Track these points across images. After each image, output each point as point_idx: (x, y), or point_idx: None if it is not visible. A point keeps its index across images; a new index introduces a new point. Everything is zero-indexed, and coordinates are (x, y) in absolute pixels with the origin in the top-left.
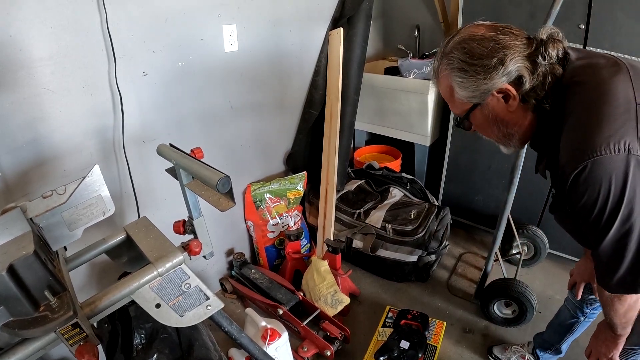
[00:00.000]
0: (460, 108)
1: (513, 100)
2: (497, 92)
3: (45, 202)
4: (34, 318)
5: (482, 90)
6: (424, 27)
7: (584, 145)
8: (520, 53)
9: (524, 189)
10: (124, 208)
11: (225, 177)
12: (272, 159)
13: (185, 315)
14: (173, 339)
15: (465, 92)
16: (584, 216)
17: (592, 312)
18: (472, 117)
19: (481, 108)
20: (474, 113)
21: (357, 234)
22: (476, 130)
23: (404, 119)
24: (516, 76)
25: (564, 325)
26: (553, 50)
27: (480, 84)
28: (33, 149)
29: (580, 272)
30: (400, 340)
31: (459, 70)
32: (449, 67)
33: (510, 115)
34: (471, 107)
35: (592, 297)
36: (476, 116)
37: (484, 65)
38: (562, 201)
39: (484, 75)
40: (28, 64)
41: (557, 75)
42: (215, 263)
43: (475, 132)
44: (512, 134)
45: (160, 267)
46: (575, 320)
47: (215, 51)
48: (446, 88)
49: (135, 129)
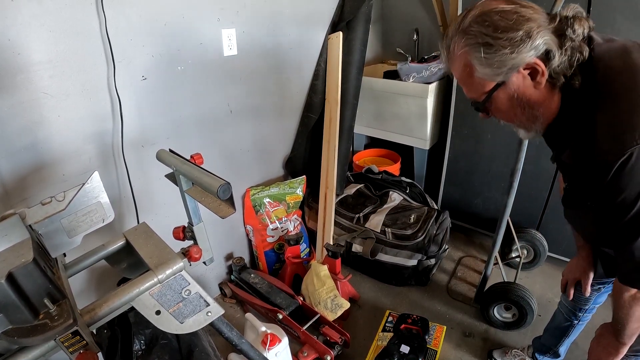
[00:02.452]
0: (480, 89)
1: (541, 76)
2: (524, 69)
3: (45, 209)
4: (33, 326)
5: (509, 66)
6: (423, 30)
7: (630, 130)
8: (544, 27)
9: (524, 193)
10: (123, 213)
11: (226, 184)
12: (271, 163)
13: (185, 321)
14: (173, 345)
15: (488, 69)
16: (623, 209)
17: (586, 315)
18: (494, 99)
19: (505, 87)
20: (496, 94)
21: (357, 238)
22: (493, 116)
23: (403, 123)
24: (544, 50)
25: (559, 328)
26: (579, 28)
27: (507, 59)
28: (31, 154)
29: (571, 270)
30: (401, 345)
31: (481, 46)
32: (469, 43)
33: (536, 95)
34: (494, 86)
35: (583, 298)
36: (499, 97)
37: (510, 39)
38: (586, 194)
39: (511, 50)
40: (26, 68)
41: (584, 54)
42: (215, 267)
43: (490, 118)
44: (537, 116)
45: (160, 274)
46: (569, 324)
47: (214, 55)
48: (463, 68)
49: (134, 134)
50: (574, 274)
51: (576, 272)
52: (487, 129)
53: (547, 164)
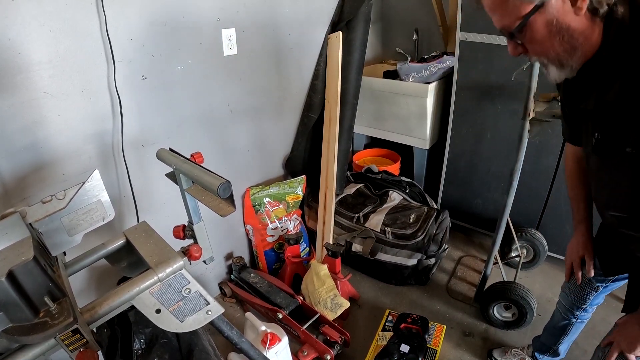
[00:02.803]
0: (515, 14)
1: (582, 1)
2: None
3: (45, 208)
4: (33, 324)
5: None
6: (423, 30)
7: None
8: None
9: (523, 192)
10: (124, 212)
11: (226, 183)
12: (271, 162)
13: (185, 320)
14: (173, 344)
15: None
16: None
17: (584, 314)
18: (530, 25)
19: (543, 11)
20: (533, 18)
21: (357, 237)
22: (524, 52)
23: (403, 123)
24: None
25: (557, 327)
26: None
27: None
28: (32, 153)
29: (573, 250)
30: (400, 344)
31: None
32: None
33: (576, 22)
34: (531, 9)
35: (581, 296)
36: (536, 23)
37: None
38: (627, 138)
39: None
40: (27, 68)
41: None
42: (215, 267)
43: (519, 55)
44: (576, 46)
45: (160, 273)
46: (567, 322)
47: (214, 55)
48: None
49: (134, 133)
50: (577, 252)
51: (579, 250)
52: (486, 129)
53: (546, 164)
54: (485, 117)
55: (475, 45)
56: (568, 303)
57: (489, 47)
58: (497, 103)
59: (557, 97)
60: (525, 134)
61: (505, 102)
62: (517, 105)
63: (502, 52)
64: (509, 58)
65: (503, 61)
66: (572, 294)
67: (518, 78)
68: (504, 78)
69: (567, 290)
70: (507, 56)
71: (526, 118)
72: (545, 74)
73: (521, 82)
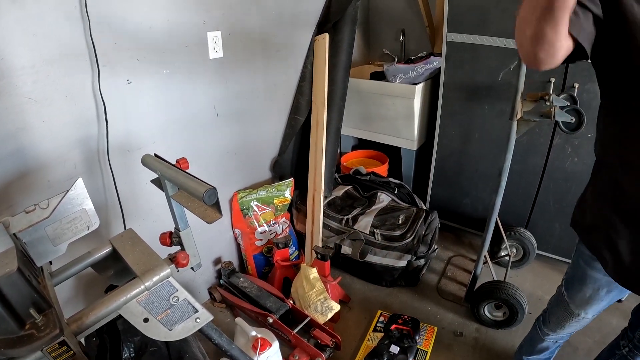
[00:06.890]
0: None
1: None
2: None
3: (28, 217)
4: (19, 337)
5: None
6: (410, 31)
7: None
8: None
9: (512, 192)
10: (110, 219)
11: (212, 189)
12: (258, 166)
13: (174, 328)
14: (162, 352)
15: None
16: None
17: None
18: None
19: None
20: None
21: (346, 240)
22: None
23: (390, 124)
24: None
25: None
26: None
27: None
28: (16, 160)
29: None
30: (390, 345)
31: None
32: None
33: None
34: None
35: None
36: None
37: None
38: None
39: None
40: (9, 73)
41: None
42: (203, 272)
43: None
44: None
45: (147, 281)
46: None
47: (200, 58)
48: None
49: (119, 138)
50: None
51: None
52: (474, 129)
53: (534, 163)
54: (473, 117)
55: (462, 46)
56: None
57: (475, 47)
58: (485, 103)
59: (544, 96)
60: (513, 134)
61: (492, 102)
62: (504, 105)
63: (489, 53)
64: (496, 58)
65: (490, 62)
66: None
67: (505, 78)
68: (491, 78)
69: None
70: (494, 56)
71: (514, 118)
72: None
73: (508, 82)
